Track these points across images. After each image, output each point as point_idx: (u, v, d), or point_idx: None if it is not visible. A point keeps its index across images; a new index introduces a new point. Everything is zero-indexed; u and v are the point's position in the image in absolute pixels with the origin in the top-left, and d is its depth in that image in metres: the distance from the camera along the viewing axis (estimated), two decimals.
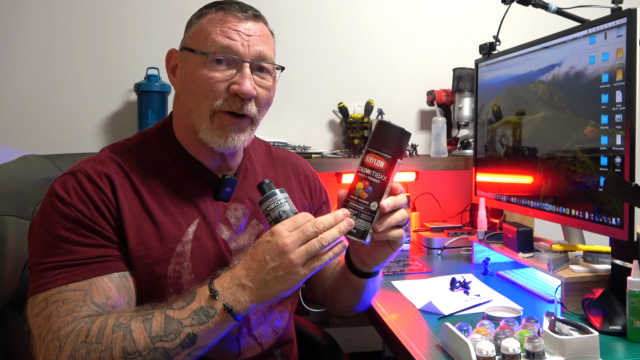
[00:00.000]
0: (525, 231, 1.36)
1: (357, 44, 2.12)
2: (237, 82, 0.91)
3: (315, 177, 1.21)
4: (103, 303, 0.84)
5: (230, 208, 1.01)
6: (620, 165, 1.12)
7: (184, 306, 0.82)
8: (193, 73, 0.93)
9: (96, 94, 1.94)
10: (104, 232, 0.87)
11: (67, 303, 0.82)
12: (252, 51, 0.92)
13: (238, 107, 0.93)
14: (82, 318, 0.81)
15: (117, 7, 1.93)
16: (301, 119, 2.09)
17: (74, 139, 1.92)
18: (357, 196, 0.87)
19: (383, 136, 0.88)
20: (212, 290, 0.82)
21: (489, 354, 0.84)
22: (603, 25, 1.18)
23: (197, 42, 0.93)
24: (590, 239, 1.46)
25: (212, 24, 0.93)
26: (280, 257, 0.81)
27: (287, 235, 0.81)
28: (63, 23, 1.90)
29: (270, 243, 0.82)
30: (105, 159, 0.95)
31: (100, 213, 0.88)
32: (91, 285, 0.84)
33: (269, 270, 0.81)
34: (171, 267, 0.91)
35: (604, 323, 1.02)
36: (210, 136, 0.93)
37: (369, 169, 0.87)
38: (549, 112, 1.37)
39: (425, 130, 2.19)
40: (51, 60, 1.90)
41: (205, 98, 0.92)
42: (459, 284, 1.32)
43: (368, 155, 0.88)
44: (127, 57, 1.92)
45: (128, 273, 0.89)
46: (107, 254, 0.87)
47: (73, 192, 0.88)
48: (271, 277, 0.81)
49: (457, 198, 2.13)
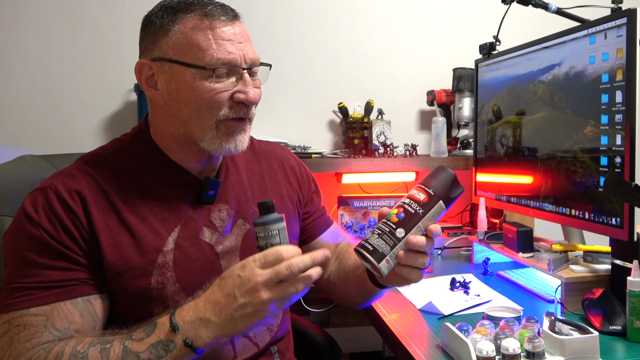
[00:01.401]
0: (525, 231, 1.36)
1: (357, 44, 2.12)
2: (241, 91, 0.91)
3: (302, 167, 1.19)
4: (65, 328, 0.83)
5: (215, 210, 0.99)
6: (620, 165, 1.12)
7: (143, 338, 0.80)
8: (190, 87, 0.89)
9: (96, 94, 1.94)
10: (69, 254, 0.85)
11: (28, 328, 0.81)
12: (247, 58, 0.92)
13: (245, 113, 0.92)
14: (42, 344, 0.80)
15: (117, 7, 1.93)
16: (301, 119, 2.09)
17: (74, 139, 1.92)
18: (387, 219, 0.86)
19: (433, 175, 0.90)
20: (173, 323, 0.80)
21: (489, 354, 0.84)
22: (603, 25, 1.18)
23: (188, 55, 0.89)
24: (590, 239, 1.46)
25: (201, 33, 0.89)
26: (250, 295, 0.78)
27: (260, 274, 0.79)
28: (63, 23, 1.90)
29: (241, 278, 0.80)
30: (77, 173, 0.91)
31: (68, 234, 0.86)
32: (53, 310, 0.83)
33: (237, 306, 0.79)
34: (154, 279, 0.90)
35: (604, 323, 1.01)
36: (218, 144, 0.92)
37: (408, 199, 0.87)
38: (549, 112, 1.37)
39: (425, 130, 2.19)
40: (51, 60, 1.90)
41: (209, 110, 0.90)
42: (459, 284, 1.32)
43: (413, 189, 0.88)
44: (127, 57, 1.92)
45: (94, 297, 0.87)
46: (71, 277, 0.85)
47: (42, 210, 0.86)
48: (239, 314, 0.79)
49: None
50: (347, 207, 1.74)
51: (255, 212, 1.03)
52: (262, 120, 2.02)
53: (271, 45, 2.03)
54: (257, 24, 1.99)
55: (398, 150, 1.95)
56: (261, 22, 2.03)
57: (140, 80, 0.94)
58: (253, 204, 1.04)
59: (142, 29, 0.96)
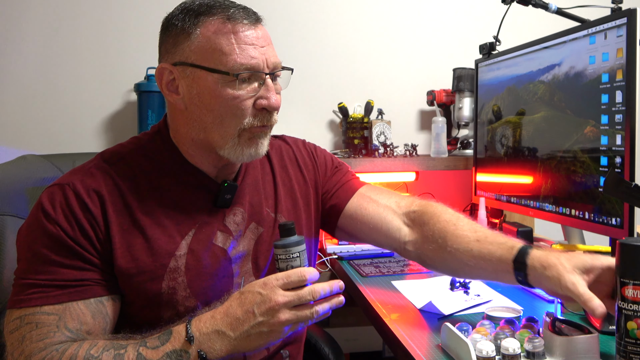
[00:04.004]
0: (525, 231, 1.36)
1: (357, 44, 2.12)
2: (264, 96, 0.89)
3: (314, 151, 1.15)
4: (77, 329, 0.82)
5: (229, 214, 0.97)
6: (620, 165, 1.12)
7: (157, 346, 0.79)
8: (214, 93, 0.87)
9: (96, 94, 1.94)
10: (84, 254, 0.85)
11: (41, 327, 0.80)
12: (269, 63, 0.90)
13: (268, 120, 0.91)
14: (54, 345, 0.80)
15: (117, 7, 1.93)
16: (301, 119, 2.09)
17: (74, 139, 1.92)
18: (634, 338, 0.76)
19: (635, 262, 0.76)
20: (189, 334, 0.79)
21: (489, 354, 0.84)
22: (603, 25, 1.18)
23: (210, 59, 0.87)
24: (590, 239, 1.46)
25: (224, 37, 0.87)
26: (269, 314, 0.79)
27: (282, 295, 0.80)
28: (63, 23, 1.90)
29: (262, 296, 0.80)
30: (96, 172, 0.91)
31: (84, 233, 0.85)
32: (65, 310, 0.82)
33: (254, 324, 0.79)
34: (165, 284, 0.89)
35: (604, 323, 1.01)
36: (240, 151, 0.90)
37: (634, 304, 0.76)
38: (549, 112, 1.37)
39: (425, 130, 2.19)
40: (51, 60, 1.90)
41: (233, 117, 0.88)
42: (459, 284, 1.32)
43: (627, 288, 0.76)
44: (127, 57, 1.92)
45: (106, 298, 0.86)
46: (85, 277, 0.84)
47: (59, 207, 0.85)
48: (255, 331, 0.80)
49: (457, 198, 2.13)
50: None
51: (269, 216, 1.02)
52: None
53: None
54: None
55: (398, 150, 1.95)
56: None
57: (160, 85, 0.93)
58: (266, 206, 1.02)
59: (162, 31, 0.93)
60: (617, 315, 0.80)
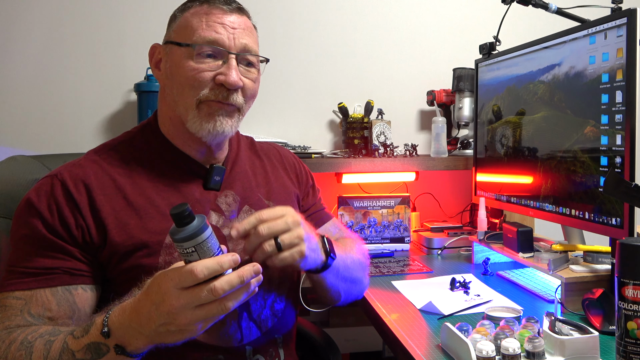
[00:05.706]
0: (525, 231, 1.36)
1: (357, 44, 2.12)
2: (223, 72, 0.93)
3: (299, 163, 1.22)
4: (39, 315, 0.85)
5: (221, 195, 1.02)
6: (620, 165, 1.12)
7: (81, 336, 0.78)
8: (178, 65, 0.94)
9: (96, 94, 1.93)
10: (58, 243, 0.88)
11: (7, 310, 0.85)
12: (237, 44, 0.95)
13: (224, 97, 0.94)
14: (10, 328, 0.83)
15: (117, 7, 1.93)
16: (301, 119, 2.09)
17: (74, 138, 1.92)
18: (634, 338, 0.76)
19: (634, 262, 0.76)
20: (104, 328, 0.76)
21: (489, 354, 0.84)
22: (603, 25, 1.18)
23: (182, 35, 0.95)
24: (590, 239, 1.46)
25: (197, 16, 0.95)
26: (167, 317, 0.71)
27: (176, 297, 0.70)
28: (63, 23, 1.90)
29: (159, 296, 0.72)
30: (85, 162, 0.96)
31: (62, 221, 0.88)
32: (32, 296, 0.86)
33: (159, 324, 0.73)
34: (161, 258, 0.92)
35: (604, 323, 1.01)
36: (199, 124, 0.94)
37: (634, 304, 0.76)
38: (549, 112, 1.37)
39: (425, 130, 2.19)
40: (51, 60, 1.90)
41: (191, 88, 0.93)
42: (459, 284, 1.32)
43: (627, 288, 0.75)
44: (127, 57, 1.92)
45: (74, 287, 0.88)
46: (56, 265, 0.87)
47: (44, 196, 0.90)
48: (164, 330, 0.73)
49: (457, 198, 2.13)
50: (347, 207, 1.74)
51: (261, 200, 1.06)
52: (262, 120, 2.02)
53: (271, 45, 2.02)
54: (256, 23, 1.98)
55: (398, 150, 1.95)
56: (261, 22, 2.00)
57: (150, 62, 1.01)
58: (259, 192, 1.07)
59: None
60: (617, 315, 0.80)
